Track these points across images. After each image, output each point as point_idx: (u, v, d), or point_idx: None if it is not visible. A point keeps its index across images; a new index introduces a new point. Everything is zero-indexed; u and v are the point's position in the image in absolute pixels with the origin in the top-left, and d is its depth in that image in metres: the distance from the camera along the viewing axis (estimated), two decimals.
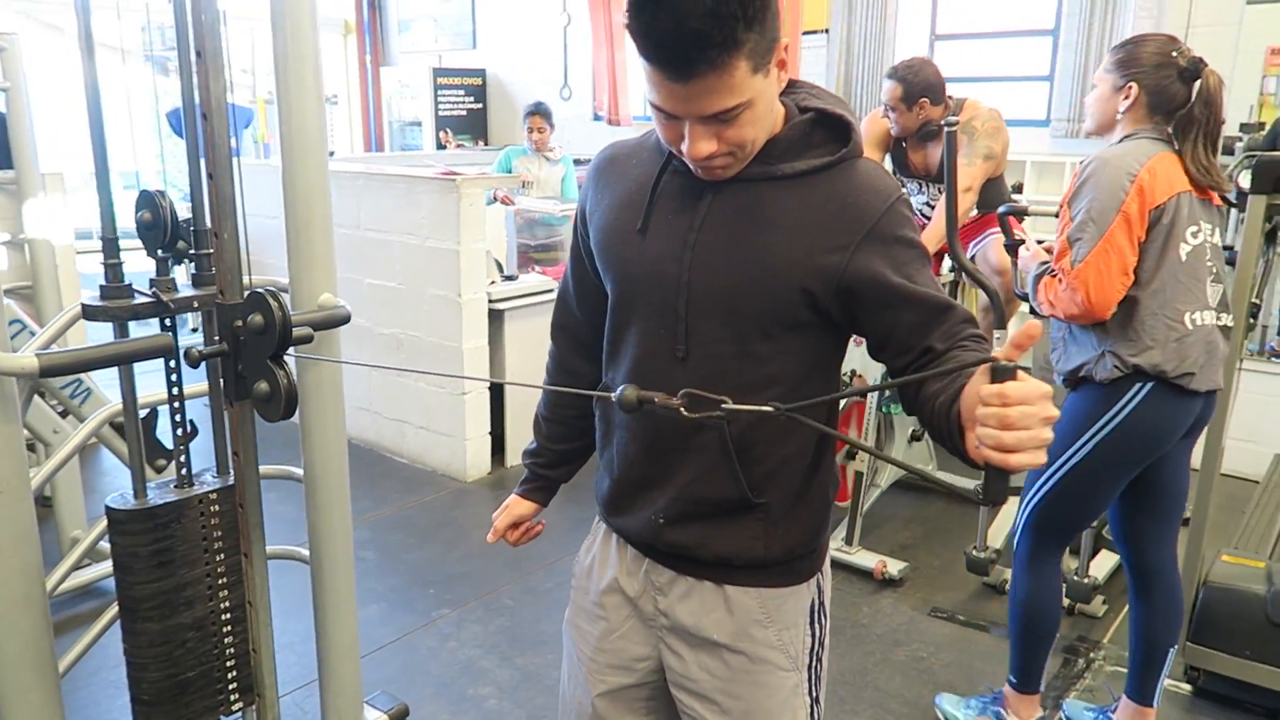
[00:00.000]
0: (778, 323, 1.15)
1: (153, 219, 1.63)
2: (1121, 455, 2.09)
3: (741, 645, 1.25)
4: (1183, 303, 2.01)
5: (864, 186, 1.15)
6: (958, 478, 3.53)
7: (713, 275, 1.16)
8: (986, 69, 4.87)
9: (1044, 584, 2.25)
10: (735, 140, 1.10)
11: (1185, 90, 2.02)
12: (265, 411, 1.37)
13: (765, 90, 1.08)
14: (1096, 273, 1.96)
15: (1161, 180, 1.98)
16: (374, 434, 4.38)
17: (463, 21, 6.77)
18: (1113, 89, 2.09)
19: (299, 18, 1.67)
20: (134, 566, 1.64)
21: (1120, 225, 1.96)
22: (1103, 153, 2.05)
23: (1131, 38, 2.12)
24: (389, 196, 4.07)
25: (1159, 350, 2.00)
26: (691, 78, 1.02)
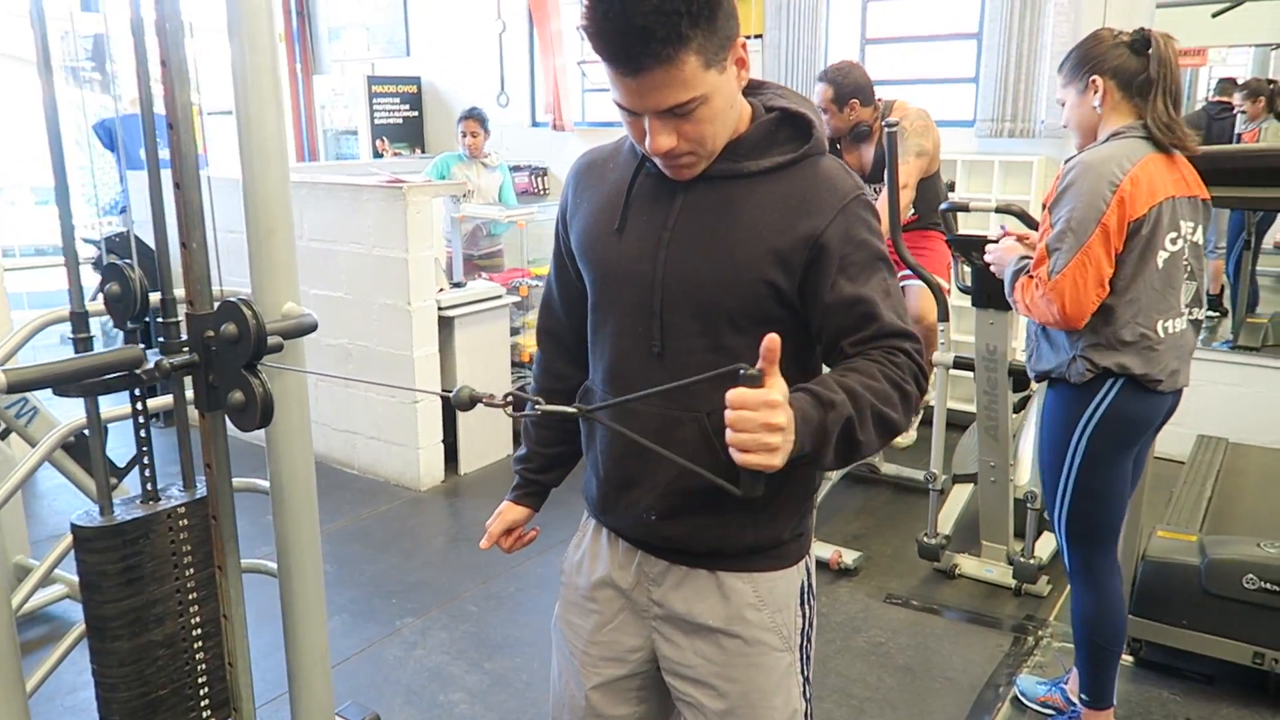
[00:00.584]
0: (748, 317, 1.20)
1: (121, 291, 1.61)
2: (1113, 442, 2.13)
3: (736, 629, 1.28)
4: (1157, 311, 2.04)
5: (824, 184, 1.20)
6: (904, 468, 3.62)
7: (685, 272, 1.20)
8: (915, 72, 5.01)
9: (1106, 595, 2.24)
10: (694, 136, 1.14)
11: (1143, 61, 2.04)
12: (240, 421, 1.37)
13: (722, 86, 1.13)
14: (1073, 284, 1.98)
15: (1144, 190, 1.98)
16: (323, 446, 4.32)
17: (395, 29, 6.71)
18: (1079, 94, 2.11)
19: (257, 27, 1.66)
20: (102, 585, 1.62)
21: (1099, 237, 1.96)
22: (1086, 156, 2.04)
23: (1072, 48, 2.16)
24: (334, 206, 4.03)
25: (1130, 356, 2.04)
26: (640, 72, 1.07)
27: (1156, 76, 2.02)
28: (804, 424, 1.03)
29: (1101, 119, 2.10)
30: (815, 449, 1.05)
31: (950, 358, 3.23)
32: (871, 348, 1.16)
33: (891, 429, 1.13)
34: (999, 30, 4.41)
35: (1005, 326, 2.96)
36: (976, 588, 3.17)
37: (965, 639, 2.87)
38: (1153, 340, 2.05)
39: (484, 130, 5.10)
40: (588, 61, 5.90)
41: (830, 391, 1.07)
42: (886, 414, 1.11)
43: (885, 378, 1.13)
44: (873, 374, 1.12)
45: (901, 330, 1.17)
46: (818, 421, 1.05)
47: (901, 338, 1.17)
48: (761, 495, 1.04)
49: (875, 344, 1.16)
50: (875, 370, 1.13)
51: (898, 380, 1.14)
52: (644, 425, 1.25)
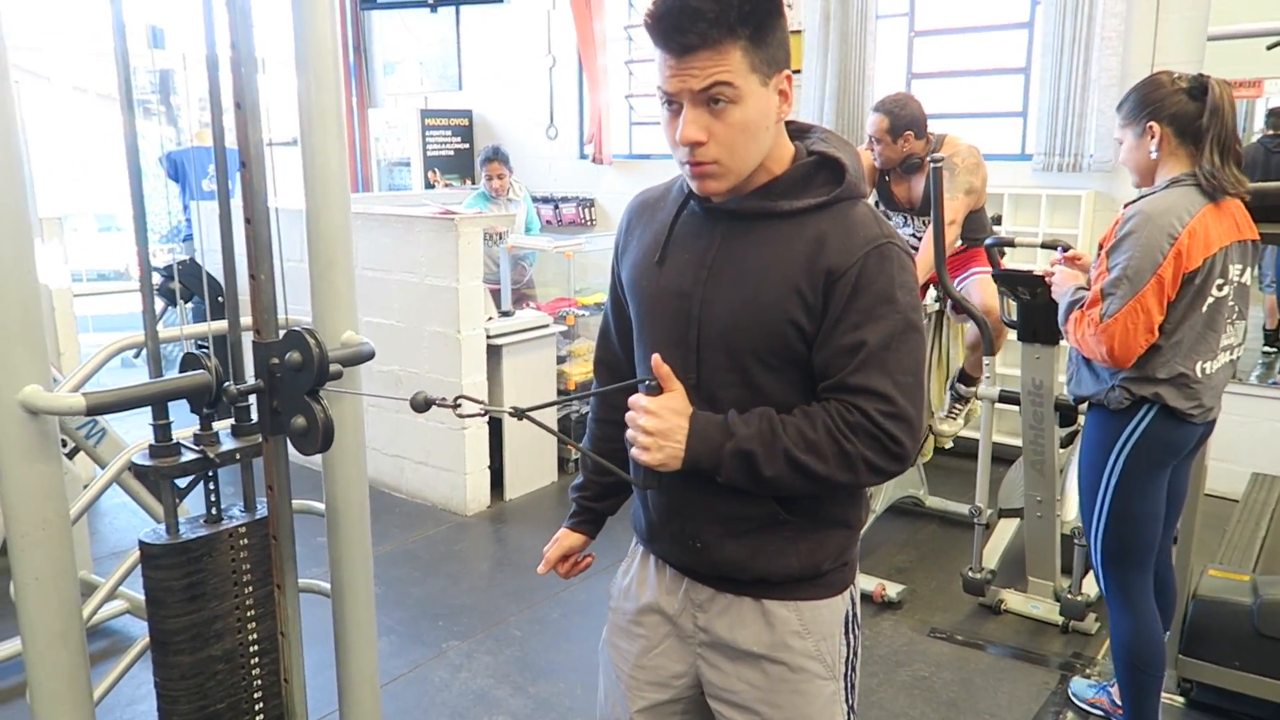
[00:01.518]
0: (775, 355, 1.23)
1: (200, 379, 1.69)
2: (1149, 464, 2.20)
3: (781, 655, 1.31)
4: (1198, 354, 2.12)
5: (851, 228, 1.21)
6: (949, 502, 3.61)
7: (719, 309, 1.24)
8: (962, 105, 5.02)
9: (1143, 618, 2.28)
10: (723, 139, 1.16)
11: (1199, 106, 2.08)
12: (302, 445, 1.43)
13: (760, 100, 1.17)
14: (1123, 329, 2.06)
15: (1200, 243, 2.05)
16: (372, 470, 4.40)
17: (448, 64, 6.89)
18: (1136, 137, 2.16)
19: (322, 63, 1.73)
20: (167, 600, 1.68)
21: (1153, 288, 2.04)
22: (1146, 205, 2.10)
23: (1130, 89, 2.19)
24: (387, 236, 4.14)
25: (1166, 390, 2.13)
26: (686, 51, 1.13)
27: (1207, 125, 2.06)
28: (699, 441, 1.19)
29: (1158, 164, 2.15)
30: (711, 466, 1.19)
31: (996, 391, 3.22)
32: (835, 397, 1.19)
33: (813, 477, 1.17)
34: (1049, 65, 4.41)
35: (1051, 361, 2.95)
36: (1022, 624, 3.13)
37: (1010, 676, 2.84)
38: (1189, 379, 2.12)
39: (508, 169, 5.20)
40: (635, 95, 5.99)
41: (744, 424, 1.19)
42: (804, 462, 1.16)
43: (824, 428, 1.17)
44: (813, 422, 1.18)
45: (871, 389, 1.17)
46: (715, 443, 1.19)
47: (868, 396, 1.17)
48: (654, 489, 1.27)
49: (839, 395, 1.19)
50: (818, 419, 1.18)
51: (837, 434, 1.16)
52: None
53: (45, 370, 1.46)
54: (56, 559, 1.55)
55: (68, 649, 1.59)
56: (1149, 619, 2.27)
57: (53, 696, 1.59)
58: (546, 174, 6.41)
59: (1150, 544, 2.26)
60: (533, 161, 6.47)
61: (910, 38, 5.01)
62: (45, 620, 1.54)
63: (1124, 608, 2.28)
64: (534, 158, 6.46)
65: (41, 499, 1.49)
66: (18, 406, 1.41)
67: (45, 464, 1.50)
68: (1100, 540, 2.27)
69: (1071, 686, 2.71)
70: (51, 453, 1.51)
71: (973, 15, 4.89)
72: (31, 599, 1.52)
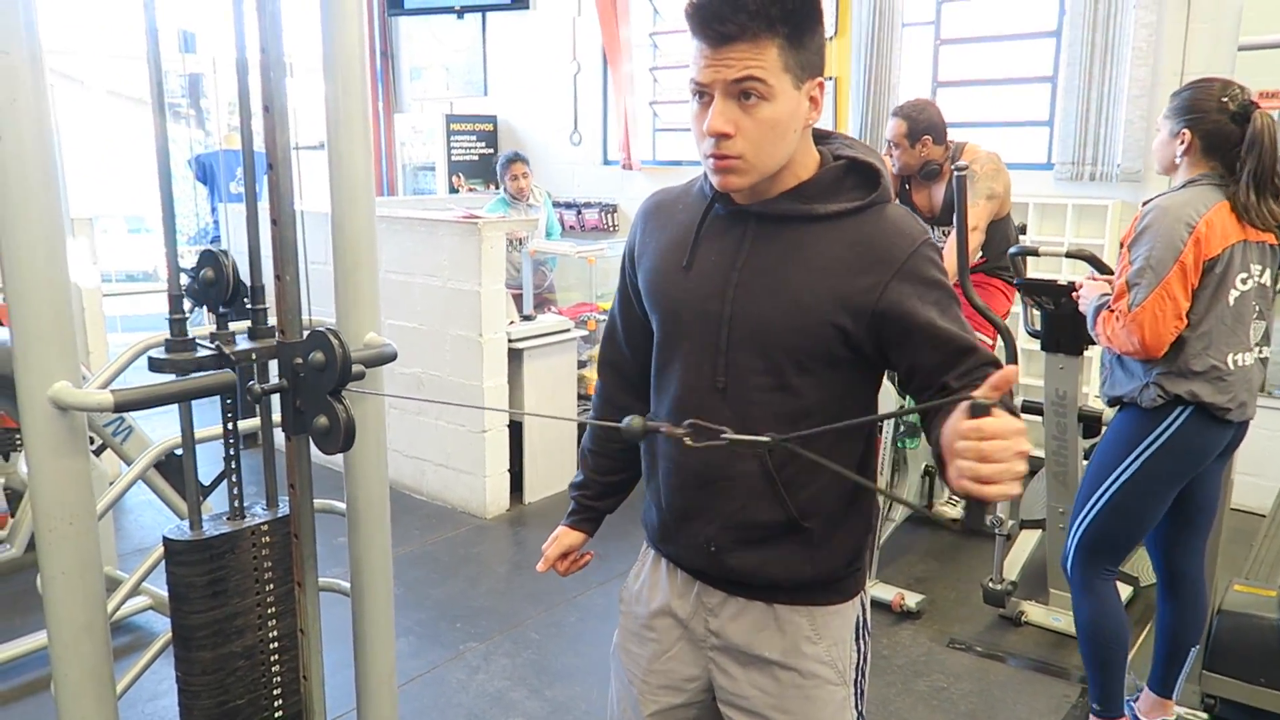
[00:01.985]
0: (813, 357, 1.23)
1: (215, 276, 1.71)
2: (1166, 472, 2.23)
3: (792, 661, 1.31)
4: (1227, 345, 2.15)
5: (893, 229, 1.23)
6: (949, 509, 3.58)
7: (752, 311, 1.24)
8: (988, 114, 5.00)
9: (1105, 603, 2.35)
10: (750, 134, 1.16)
11: (1239, 132, 2.12)
12: (324, 444, 1.44)
13: (790, 101, 1.17)
14: (1152, 317, 2.09)
15: (1217, 232, 2.10)
16: (393, 471, 4.41)
17: (474, 70, 6.93)
18: (1170, 135, 2.20)
19: (350, 72, 1.75)
20: (190, 596, 1.71)
21: (1176, 274, 2.08)
22: (1163, 201, 2.16)
23: (1189, 83, 2.24)
24: (411, 239, 4.18)
25: (1200, 384, 2.15)
26: (723, 41, 1.14)
27: (1244, 156, 2.11)
28: None
29: (1180, 167, 2.21)
30: None
31: (1019, 402, 3.20)
32: (978, 378, 1.17)
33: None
34: (1076, 74, 4.39)
35: (1075, 371, 2.93)
36: (1043, 636, 3.11)
37: (1030, 688, 2.82)
38: (1223, 371, 2.15)
39: (530, 170, 5.26)
40: (659, 102, 6.01)
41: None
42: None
43: (1007, 409, 1.14)
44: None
45: (993, 357, 1.21)
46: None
47: (995, 364, 1.20)
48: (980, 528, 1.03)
49: (979, 373, 1.18)
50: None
51: (1010, 405, 1.15)
52: (706, 458, 1.28)
53: (75, 368, 1.49)
54: (83, 553, 1.57)
55: (92, 642, 1.61)
56: (1109, 601, 2.36)
57: (77, 689, 1.62)
58: (569, 179, 6.44)
59: (1129, 544, 2.35)
60: (556, 167, 6.50)
61: (936, 45, 4.99)
62: (71, 613, 1.57)
63: (1089, 593, 2.35)
64: (557, 163, 6.50)
65: (69, 494, 1.52)
66: (48, 403, 1.44)
67: (73, 459, 1.52)
68: (1086, 526, 2.32)
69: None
70: (80, 448, 1.54)
71: (999, 24, 4.87)
72: (58, 592, 1.54)
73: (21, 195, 1.38)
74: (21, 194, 1.38)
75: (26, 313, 1.42)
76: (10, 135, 1.35)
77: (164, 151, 1.67)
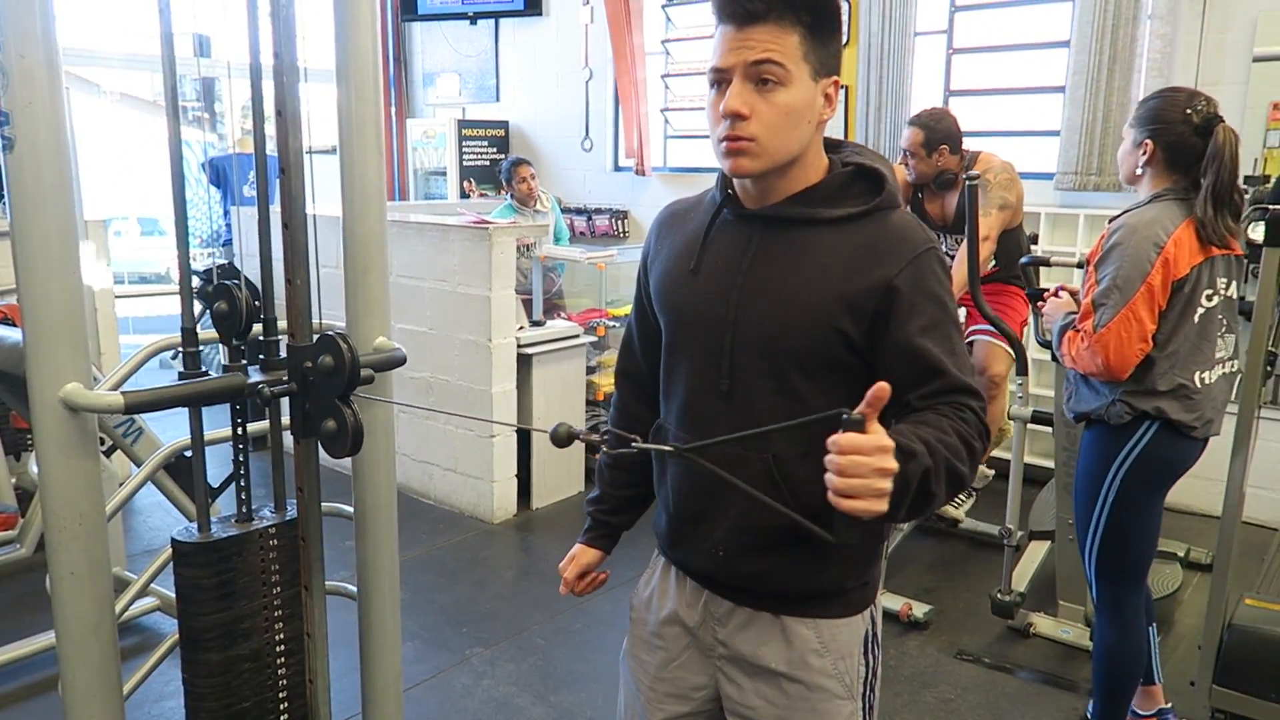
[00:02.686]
0: (815, 361, 1.23)
1: (229, 309, 1.72)
2: (1147, 482, 2.22)
3: (799, 674, 1.30)
4: (1194, 363, 2.15)
5: (897, 234, 1.23)
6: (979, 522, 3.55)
7: (757, 315, 1.24)
8: (1000, 124, 4.99)
9: (1130, 631, 2.32)
10: (766, 117, 1.17)
11: (1202, 144, 2.11)
12: (332, 448, 1.44)
13: (807, 90, 1.19)
14: (1117, 339, 2.09)
15: (1185, 251, 2.09)
16: (401, 475, 4.44)
17: (486, 76, 6.95)
18: (1133, 144, 2.20)
19: (362, 73, 1.76)
20: (197, 598, 1.71)
21: (1143, 296, 2.07)
22: (1130, 219, 2.14)
23: (1156, 92, 2.23)
24: (422, 244, 4.19)
25: (1168, 403, 2.15)
26: (748, 21, 1.15)
27: (1204, 171, 2.10)
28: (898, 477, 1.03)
29: (1142, 178, 2.20)
30: (899, 501, 1.03)
31: (1029, 412, 3.19)
32: (940, 402, 1.18)
33: (960, 484, 1.14)
34: (1085, 84, 4.37)
35: None
36: (1052, 648, 3.09)
37: (1038, 701, 2.80)
38: (1190, 390, 2.15)
39: (536, 173, 5.33)
40: (672, 109, 6.02)
41: (909, 441, 1.06)
42: (957, 468, 1.12)
43: (956, 433, 1.14)
44: (944, 428, 1.13)
45: (968, 387, 1.19)
46: (899, 472, 1.02)
47: (968, 394, 1.19)
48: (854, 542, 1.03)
49: (943, 398, 1.18)
50: (946, 425, 1.14)
51: (966, 436, 1.15)
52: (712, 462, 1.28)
53: (86, 369, 1.49)
54: (92, 554, 1.58)
55: (100, 643, 1.62)
56: (1136, 632, 2.33)
57: (84, 689, 1.62)
58: (580, 185, 6.46)
59: (1145, 561, 2.31)
60: (567, 173, 6.52)
61: (948, 55, 4.98)
62: (79, 613, 1.58)
63: (1114, 621, 2.32)
64: (568, 169, 6.51)
65: (79, 494, 1.52)
66: (59, 404, 1.45)
67: (84, 460, 1.53)
68: (1095, 555, 2.30)
69: (1090, 710, 2.65)
70: (90, 449, 1.55)
71: (1012, 34, 4.86)
72: (66, 592, 1.55)
73: (36, 198, 1.39)
74: (36, 197, 1.39)
75: (39, 314, 1.43)
76: (26, 138, 1.36)
77: (177, 155, 1.68)
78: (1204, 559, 3.62)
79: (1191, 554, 3.69)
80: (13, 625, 3.03)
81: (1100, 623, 2.36)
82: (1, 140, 1.36)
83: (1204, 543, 3.70)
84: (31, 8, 1.33)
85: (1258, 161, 4.04)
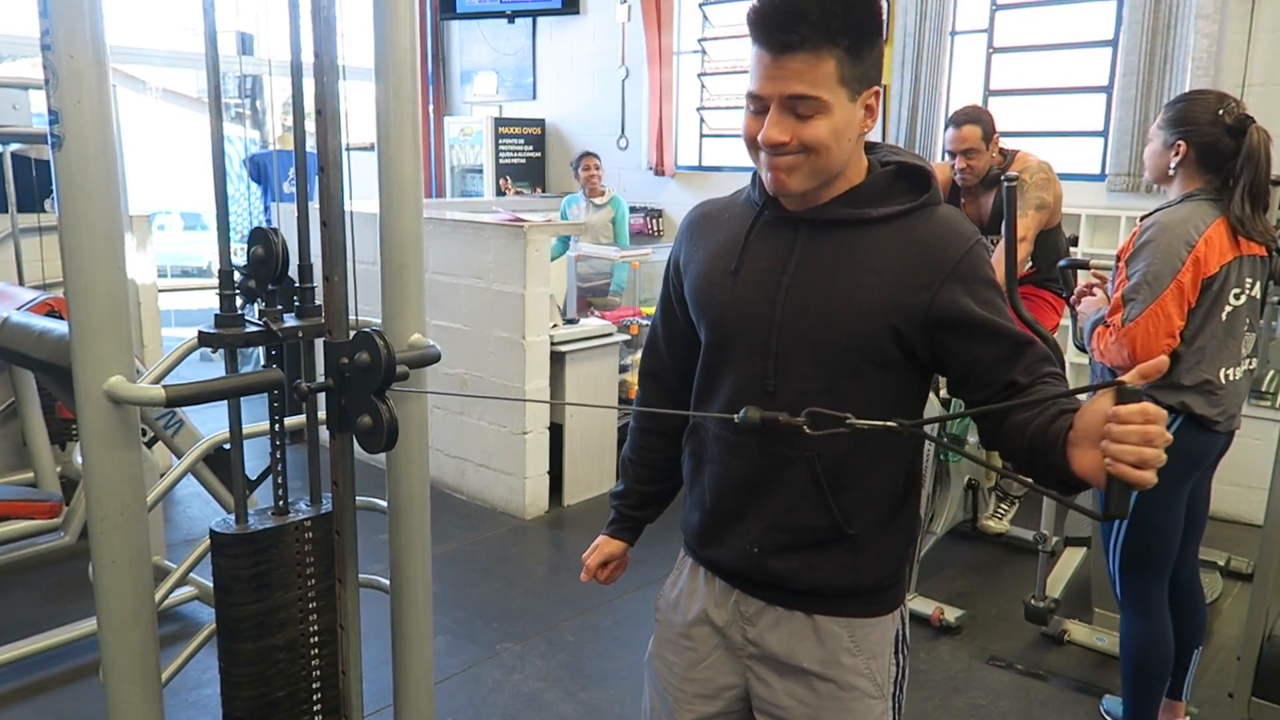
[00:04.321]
0: (866, 359, 1.22)
1: (265, 254, 1.74)
2: (1171, 476, 2.22)
3: (831, 673, 1.30)
4: (1219, 359, 2.20)
5: (946, 230, 1.23)
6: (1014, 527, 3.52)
7: (804, 314, 1.24)
8: (1040, 124, 4.93)
9: (1155, 625, 2.35)
10: (808, 138, 1.18)
11: (1234, 145, 2.15)
12: (367, 443, 1.46)
13: (846, 112, 1.18)
14: (1144, 333, 2.13)
15: (1215, 250, 2.13)
16: (434, 470, 4.48)
17: (523, 74, 6.99)
18: (1164, 145, 2.23)
19: (400, 72, 1.78)
20: (234, 588, 1.74)
21: (1172, 293, 2.11)
22: (1162, 217, 2.18)
23: (1184, 94, 2.26)
24: (457, 241, 4.22)
25: (1193, 398, 2.20)
26: (784, 51, 1.14)
27: (1240, 170, 2.14)
28: None
29: (1174, 179, 2.24)
30: None
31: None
32: (1043, 375, 1.19)
33: None
34: (1134, 84, 4.31)
35: None
36: (1086, 656, 3.05)
37: (1071, 709, 2.77)
38: (1214, 385, 2.20)
39: (600, 165, 5.61)
40: (708, 108, 6.01)
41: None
42: None
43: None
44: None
45: (1049, 355, 1.21)
46: None
47: (1049, 360, 1.21)
48: (1126, 515, 1.01)
49: (1040, 369, 1.19)
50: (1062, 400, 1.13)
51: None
52: (753, 462, 1.28)
53: (130, 362, 1.53)
54: (133, 543, 1.61)
55: (140, 630, 1.65)
56: (1163, 626, 2.35)
57: (124, 675, 1.66)
58: (616, 184, 6.47)
59: (1169, 553, 2.34)
60: (604, 171, 6.54)
61: (988, 54, 4.93)
62: (120, 602, 1.61)
63: (1140, 614, 2.35)
64: (605, 167, 6.53)
65: (122, 485, 1.56)
66: (103, 396, 1.48)
67: (127, 451, 1.56)
68: (1120, 548, 2.34)
69: (1105, 704, 2.74)
70: (133, 441, 1.58)
71: (1053, 32, 4.79)
72: (108, 581, 1.58)
73: (84, 195, 1.42)
74: (84, 194, 1.42)
75: (85, 309, 1.46)
76: (74, 136, 1.39)
77: (219, 150, 1.70)
78: (1245, 568, 3.55)
79: (1232, 563, 3.63)
80: (57, 611, 3.11)
81: (1126, 619, 2.39)
82: (51, 138, 1.39)
83: (1245, 551, 3.63)
84: (80, 10, 1.35)
85: None
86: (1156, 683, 2.37)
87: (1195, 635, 2.53)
